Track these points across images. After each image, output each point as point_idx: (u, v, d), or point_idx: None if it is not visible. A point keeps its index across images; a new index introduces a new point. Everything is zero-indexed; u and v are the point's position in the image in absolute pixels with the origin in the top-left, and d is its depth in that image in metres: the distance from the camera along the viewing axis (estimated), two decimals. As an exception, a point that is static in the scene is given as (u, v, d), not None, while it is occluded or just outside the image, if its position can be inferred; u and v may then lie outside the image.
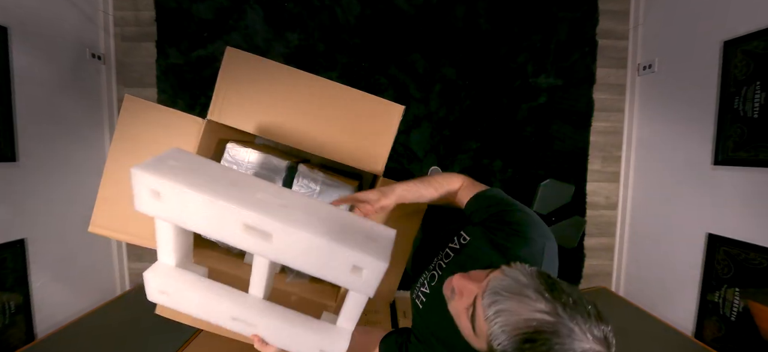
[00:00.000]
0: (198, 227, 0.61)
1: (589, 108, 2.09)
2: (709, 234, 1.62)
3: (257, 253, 0.63)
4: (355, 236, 0.62)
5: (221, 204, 0.58)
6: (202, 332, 1.56)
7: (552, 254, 0.63)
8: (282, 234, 0.59)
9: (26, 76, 1.50)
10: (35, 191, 1.55)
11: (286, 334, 0.71)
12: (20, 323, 1.48)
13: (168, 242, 0.69)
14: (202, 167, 0.66)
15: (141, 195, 0.60)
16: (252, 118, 0.90)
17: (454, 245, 0.72)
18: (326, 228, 0.60)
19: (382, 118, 0.92)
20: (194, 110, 1.97)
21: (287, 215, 0.60)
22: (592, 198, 2.15)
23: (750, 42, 1.45)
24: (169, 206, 0.60)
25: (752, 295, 1.45)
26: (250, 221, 0.59)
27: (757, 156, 1.43)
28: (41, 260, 1.57)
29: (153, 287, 0.71)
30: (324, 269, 0.61)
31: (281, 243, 0.60)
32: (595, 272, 2.20)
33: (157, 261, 0.72)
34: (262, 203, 0.60)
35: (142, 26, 1.97)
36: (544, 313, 0.42)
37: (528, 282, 0.45)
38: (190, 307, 0.72)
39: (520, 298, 0.44)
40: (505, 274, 0.48)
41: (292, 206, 0.64)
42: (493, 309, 0.45)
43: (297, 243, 0.59)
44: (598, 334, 0.41)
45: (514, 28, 2.02)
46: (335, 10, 1.96)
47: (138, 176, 0.58)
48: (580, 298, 0.44)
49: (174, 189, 0.58)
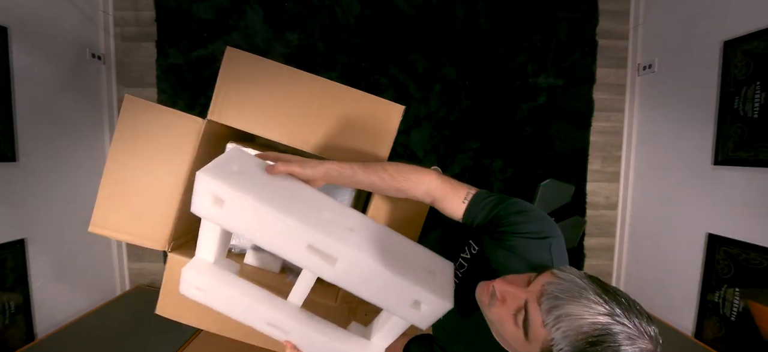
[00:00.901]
0: (257, 238, 0.59)
1: (589, 108, 2.09)
2: (709, 234, 1.62)
3: (317, 273, 0.62)
4: (417, 269, 0.61)
5: (288, 221, 0.56)
6: (202, 332, 1.56)
7: (560, 248, 0.62)
8: (347, 260, 0.58)
9: (26, 76, 1.50)
10: (35, 191, 1.55)
11: (319, 344, 0.70)
12: (20, 323, 1.48)
13: (213, 240, 0.67)
14: (265, 175, 0.64)
15: (203, 200, 0.57)
16: (252, 118, 0.90)
17: (466, 255, 0.71)
18: (391, 259, 0.59)
19: (382, 118, 0.92)
20: (194, 110, 1.96)
21: (355, 241, 0.59)
22: (592, 198, 2.15)
23: (750, 42, 1.45)
24: (230, 214, 0.58)
25: (752, 295, 1.45)
26: (316, 243, 0.57)
27: (757, 156, 1.43)
28: (41, 260, 1.57)
29: (189, 282, 0.68)
30: (383, 298, 0.61)
31: (344, 268, 0.59)
32: (595, 272, 2.19)
33: (195, 257, 0.70)
34: (329, 223, 0.59)
35: (142, 26, 1.97)
36: (605, 315, 0.42)
37: (585, 285, 0.45)
38: (225, 306, 0.70)
39: (581, 301, 0.43)
40: (560, 278, 0.47)
41: (358, 229, 0.63)
42: (554, 314, 0.44)
43: (360, 271, 0.58)
44: (652, 332, 0.42)
45: (514, 28, 2.02)
46: (335, 10, 1.96)
47: (204, 181, 0.55)
48: (629, 298, 0.45)
49: (241, 200, 0.56)
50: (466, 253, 0.72)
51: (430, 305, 0.60)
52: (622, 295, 0.45)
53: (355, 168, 0.69)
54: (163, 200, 0.91)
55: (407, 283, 0.58)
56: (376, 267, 0.57)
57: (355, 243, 0.58)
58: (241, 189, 0.55)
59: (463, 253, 0.72)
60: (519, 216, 0.63)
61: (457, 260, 0.73)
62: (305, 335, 0.69)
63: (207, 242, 0.68)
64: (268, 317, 0.69)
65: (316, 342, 0.70)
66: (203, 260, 0.70)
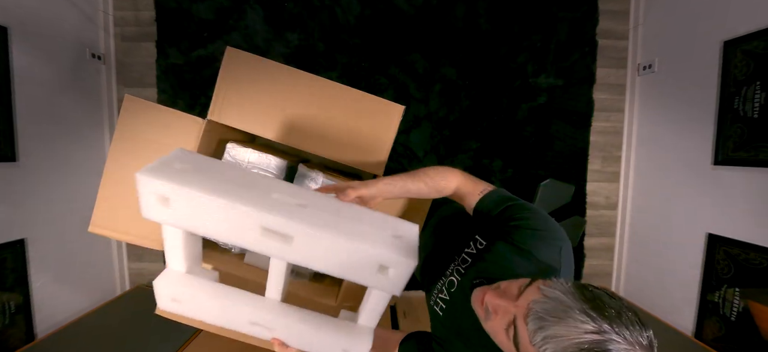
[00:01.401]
0: (211, 232, 0.58)
1: (589, 108, 2.09)
2: (709, 234, 1.62)
3: (277, 256, 0.61)
4: (378, 233, 0.60)
5: (237, 207, 0.55)
6: (202, 332, 1.56)
7: (569, 255, 0.63)
8: (303, 236, 0.57)
9: (26, 76, 1.50)
10: (35, 191, 1.55)
11: (307, 335, 0.68)
12: (20, 323, 1.48)
13: (177, 248, 0.65)
14: (211, 168, 0.63)
15: (148, 202, 0.56)
16: (252, 118, 0.90)
17: (471, 250, 0.71)
18: (349, 227, 0.58)
19: (382, 118, 0.92)
20: (194, 110, 1.97)
21: (307, 216, 0.57)
22: (592, 198, 2.15)
23: (750, 42, 1.45)
24: (179, 212, 0.56)
25: (752, 295, 1.45)
26: (269, 224, 0.56)
27: (757, 156, 1.43)
28: (41, 260, 1.57)
29: (164, 295, 0.67)
30: (348, 269, 0.60)
31: (302, 245, 0.57)
32: (595, 272, 2.20)
33: (165, 269, 0.68)
34: (279, 203, 0.58)
35: (142, 26, 1.97)
36: (592, 333, 0.42)
37: (571, 303, 0.44)
38: (206, 314, 0.69)
39: (567, 321, 0.43)
40: (546, 295, 0.47)
41: (311, 205, 0.62)
42: (541, 335, 0.44)
43: (319, 244, 0.57)
44: (644, 341, 0.42)
45: (514, 28, 2.02)
46: (335, 10, 1.96)
47: (144, 181, 0.54)
48: (620, 307, 0.44)
49: (184, 194, 0.54)
50: (471, 248, 0.71)
51: (396, 267, 0.59)
52: (612, 305, 0.44)
53: (404, 179, 0.75)
54: (163, 200, 0.91)
55: (367, 247, 0.57)
56: (332, 237, 0.56)
57: (307, 218, 0.57)
58: (184, 183, 0.54)
59: (468, 247, 0.72)
60: (531, 214, 0.65)
61: (460, 255, 0.73)
62: (290, 327, 0.68)
63: (173, 250, 0.66)
64: (251, 317, 0.67)
65: (302, 333, 0.68)
66: (174, 270, 0.68)
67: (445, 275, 0.74)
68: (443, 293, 0.73)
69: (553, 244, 0.62)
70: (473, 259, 0.69)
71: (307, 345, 0.70)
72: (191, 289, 0.66)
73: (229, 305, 0.67)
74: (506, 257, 0.63)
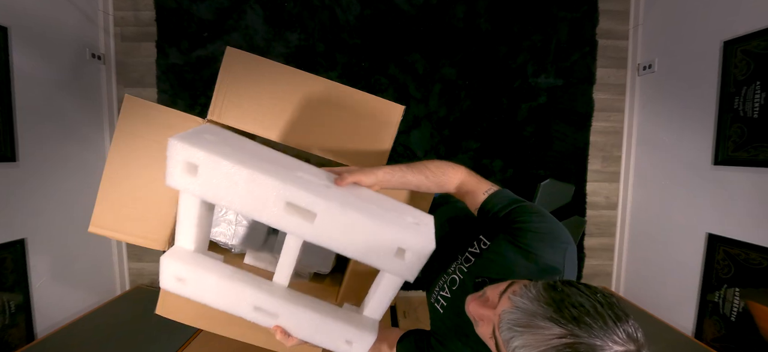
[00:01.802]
0: (235, 204, 0.58)
1: (589, 108, 2.09)
2: (709, 234, 1.62)
3: (297, 234, 0.60)
4: (399, 217, 0.61)
5: (263, 180, 0.55)
6: (202, 332, 1.56)
7: (573, 258, 0.63)
8: (327, 214, 0.57)
9: (26, 76, 1.50)
10: (35, 191, 1.55)
11: (311, 324, 0.67)
12: (20, 323, 1.48)
13: (191, 223, 0.65)
14: (239, 143, 0.64)
15: (175, 168, 0.57)
16: (252, 118, 0.90)
17: (474, 249, 0.71)
18: (371, 209, 0.59)
19: (382, 118, 0.92)
20: (194, 110, 1.97)
21: (333, 195, 0.58)
22: (592, 198, 2.15)
23: (750, 42, 1.45)
24: (205, 181, 0.57)
25: (752, 295, 1.45)
26: (294, 199, 0.57)
27: (757, 156, 1.43)
28: (41, 260, 1.57)
29: (170, 273, 0.66)
30: (367, 250, 0.60)
31: (324, 223, 0.58)
32: (595, 272, 2.20)
33: (173, 246, 0.68)
34: (304, 181, 0.59)
35: (142, 26, 1.97)
36: (560, 337, 0.41)
37: (537, 309, 0.44)
38: (209, 295, 0.68)
39: (533, 330, 0.43)
40: (515, 305, 0.47)
41: (334, 187, 0.63)
42: (512, 345, 0.45)
43: (341, 223, 0.58)
44: (621, 336, 0.40)
45: (514, 28, 2.02)
46: (335, 10, 1.96)
47: (176, 147, 0.55)
48: (593, 305, 0.42)
49: (213, 162, 0.55)
50: (474, 247, 0.71)
51: (413, 250, 0.59)
52: (582, 304, 0.42)
53: (403, 169, 0.74)
54: (163, 200, 0.91)
55: (388, 229, 0.58)
56: (356, 216, 0.57)
57: (333, 196, 0.58)
58: (215, 153, 0.56)
59: (472, 247, 0.72)
60: (537, 216, 0.65)
61: (463, 254, 0.73)
62: (294, 314, 0.67)
63: (185, 225, 0.66)
64: (255, 301, 0.67)
65: (307, 322, 0.67)
66: (182, 248, 0.68)
67: (448, 273, 0.75)
68: (445, 291, 0.73)
69: (558, 247, 0.62)
70: (476, 258, 0.69)
71: (310, 334, 0.69)
72: (198, 267, 0.66)
73: (234, 287, 0.66)
74: (509, 258, 0.63)
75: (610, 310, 0.42)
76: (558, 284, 0.46)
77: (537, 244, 0.62)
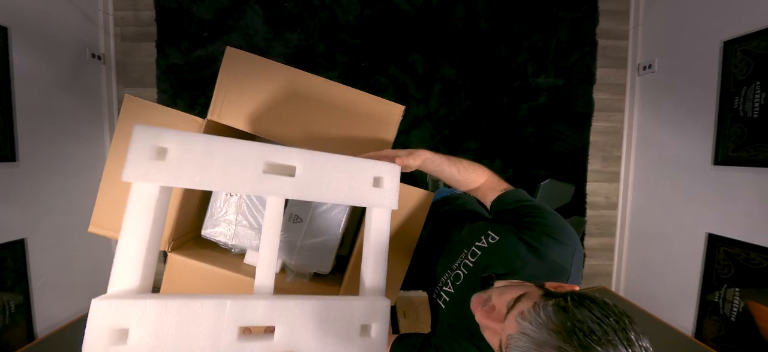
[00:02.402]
0: (212, 181, 0.56)
1: (589, 108, 2.09)
2: (709, 234, 1.62)
3: (280, 194, 0.61)
4: (365, 160, 0.67)
5: (242, 146, 0.57)
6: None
7: (579, 259, 0.63)
8: (306, 161, 0.61)
9: (26, 76, 1.50)
10: (35, 191, 1.55)
11: (315, 310, 0.58)
12: (20, 323, 1.48)
13: (141, 236, 0.55)
14: None
15: (137, 159, 0.53)
16: (252, 118, 0.90)
17: (482, 243, 0.71)
18: (341, 154, 0.65)
19: (382, 118, 0.92)
20: (194, 110, 1.97)
21: (305, 149, 0.63)
22: (592, 198, 2.15)
23: (750, 42, 1.45)
24: (175, 164, 0.54)
25: (752, 295, 1.45)
26: (274, 158, 0.59)
27: (757, 156, 1.43)
28: (41, 260, 1.57)
29: (100, 331, 0.52)
30: (347, 188, 0.63)
31: (306, 171, 0.61)
32: (595, 272, 2.20)
33: (106, 292, 0.55)
34: (278, 146, 0.62)
35: (142, 26, 1.97)
36: None
37: (545, 338, 0.43)
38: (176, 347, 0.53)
39: None
40: (522, 331, 0.45)
41: None
42: None
43: (320, 169, 0.62)
44: None
45: (514, 28, 2.02)
46: (335, 10, 1.96)
47: (142, 133, 0.53)
48: (604, 332, 0.41)
49: (187, 139, 0.56)
50: (482, 242, 0.71)
51: (388, 174, 0.66)
52: (594, 331, 0.41)
53: (442, 159, 0.79)
54: (163, 200, 0.91)
55: (362, 162, 0.65)
56: (332, 157, 0.63)
57: (306, 150, 0.63)
58: (185, 132, 0.56)
59: (479, 242, 0.72)
60: (548, 214, 0.67)
61: (470, 249, 0.73)
62: (294, 306, 0.57)
63: (127, 257, 0.55)
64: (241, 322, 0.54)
65: (308, 309, 0.58)
66: (123, 290, 0.55)
67: (452, 269, 0.74)
68: (448, 286, 0.73)
69: (566, 246, 0.62)
70: (483, 252, 0.69)
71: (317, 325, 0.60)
72: (144, 312, 0.52)
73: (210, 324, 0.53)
74: (517, 254, 0.64)
75: (623, 334, 0.41)
76: (569, 305, 0.44)
77: (546, 240, 0.62)
